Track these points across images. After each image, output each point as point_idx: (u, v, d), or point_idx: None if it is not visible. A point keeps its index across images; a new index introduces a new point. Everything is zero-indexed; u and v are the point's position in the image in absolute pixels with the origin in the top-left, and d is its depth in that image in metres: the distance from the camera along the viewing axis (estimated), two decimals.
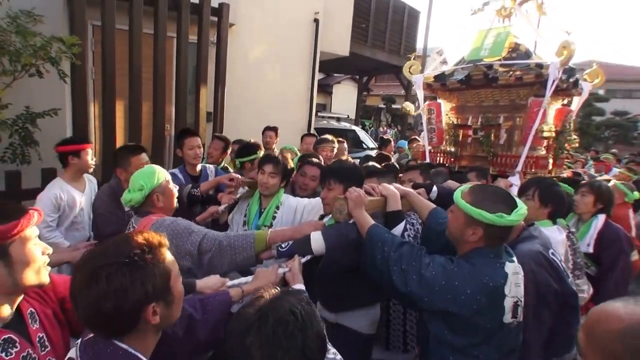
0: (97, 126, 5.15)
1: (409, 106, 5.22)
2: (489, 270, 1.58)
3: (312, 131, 7.87)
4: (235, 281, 1.81)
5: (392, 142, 8.16)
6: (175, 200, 2.20)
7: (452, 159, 4.65)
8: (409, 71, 4.80)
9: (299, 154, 4.24)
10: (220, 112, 5.90)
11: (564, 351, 2.21)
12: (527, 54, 4.12)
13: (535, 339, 1.95)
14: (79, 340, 1.17)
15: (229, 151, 4.30)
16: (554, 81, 3.52)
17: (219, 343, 1.51)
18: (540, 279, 1.94)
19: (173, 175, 3.30)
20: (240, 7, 6.23)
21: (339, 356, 1.32)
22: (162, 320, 1.14)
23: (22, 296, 1.24)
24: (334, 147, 4.71)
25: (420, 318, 2.17)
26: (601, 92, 25.16)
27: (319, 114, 14.69)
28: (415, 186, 2.65)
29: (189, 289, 1.68)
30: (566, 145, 4.24)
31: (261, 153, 3.66)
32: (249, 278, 1.80)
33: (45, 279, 1.27)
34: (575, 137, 4.39)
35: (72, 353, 1.16)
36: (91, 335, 1.14)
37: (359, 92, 16.40)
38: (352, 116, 17.00)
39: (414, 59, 4.87)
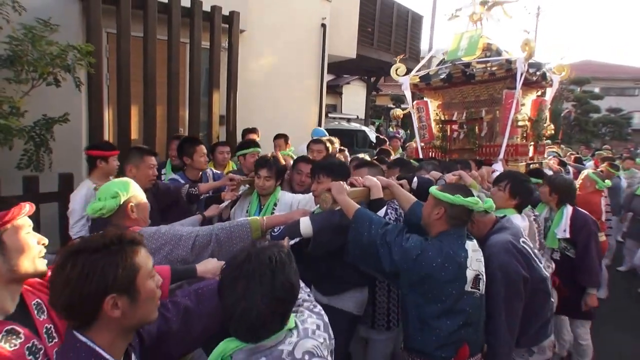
0: (112, 131, 4.97)
1: (397, 111, 5.36)
2: (454, 246, 1.84)
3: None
4: None
5: (400, 142, 8.07)
6: (148, 215, 2.01)
7: (442, 153, 4.63)
8: (396, 73, 4.78)
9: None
10: (233, 115, 5.80)
11: (542, 338, 2.26)
12: (498, 52, 4.30)
13: (505, 328, 1.99)
14: None
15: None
16: (522, 74, 3.69)
17: (214, 332, 1.44)
18: (511, 268, 2.03)
19: (175, 180, 3.31)
20: (251, 14, 6.16)
21: (312, 297, 1.48)
22: (127, 317, 1.08)
23: (21, 287, 1.17)
24: (329, 147, 4.69)
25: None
26: (596, 89, 24.60)
27: (329, 115, 14.56)
28: (400, 177, 2.71)
29: (191, 274, 1.69)
30: (543, 132, 4.39)
31: (259, 149, 3.76)
32: None
33: (42, 267, 1.20)
34: (551, 125, 4.59)
35: None
36: None
37: (368, 93, 16.11)
38: (362, 116, 16.76)
39: (399, 61, 4.85)
